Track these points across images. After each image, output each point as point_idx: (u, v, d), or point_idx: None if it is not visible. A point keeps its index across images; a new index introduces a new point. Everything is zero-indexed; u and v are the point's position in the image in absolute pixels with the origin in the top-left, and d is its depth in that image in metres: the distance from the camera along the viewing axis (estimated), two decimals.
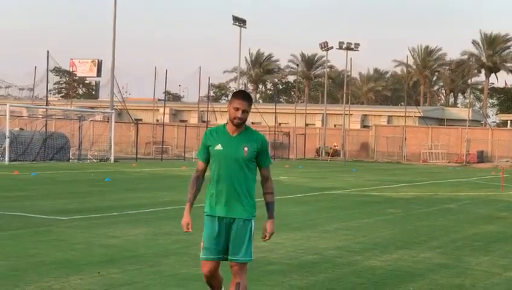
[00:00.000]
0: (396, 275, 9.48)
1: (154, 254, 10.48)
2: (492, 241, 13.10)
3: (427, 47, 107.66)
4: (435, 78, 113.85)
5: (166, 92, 76.95)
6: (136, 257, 10.17)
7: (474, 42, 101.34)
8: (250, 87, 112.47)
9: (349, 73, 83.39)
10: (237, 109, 6.19)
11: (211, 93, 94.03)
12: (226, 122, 6.35)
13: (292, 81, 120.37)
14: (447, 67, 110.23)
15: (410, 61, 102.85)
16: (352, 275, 9.42)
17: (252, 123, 67.48)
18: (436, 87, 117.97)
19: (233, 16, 68.44)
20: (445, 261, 10.75)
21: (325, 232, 13.66)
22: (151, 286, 8.36)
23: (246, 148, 6.22)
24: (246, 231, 6.31)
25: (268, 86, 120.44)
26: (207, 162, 6.35)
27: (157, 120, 76.15)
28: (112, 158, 47.24)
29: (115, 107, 57.93)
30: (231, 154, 6.21)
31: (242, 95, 6.30)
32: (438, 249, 11.90)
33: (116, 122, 52.50)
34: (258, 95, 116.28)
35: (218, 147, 6.22)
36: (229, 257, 6.27)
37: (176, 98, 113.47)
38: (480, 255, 11.40)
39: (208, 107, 72.07)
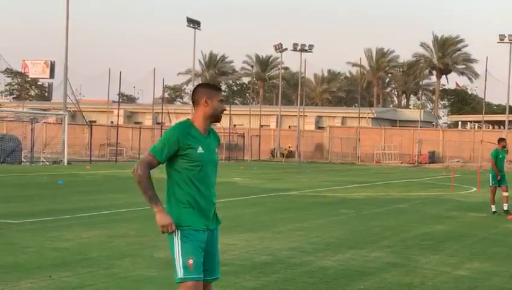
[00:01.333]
0: (347, 275, 9.64)
1: (108, 257, 10.45)
2: (442, 241, 13.37)
3: (380, 49, 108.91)
4: (387, 79, 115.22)
5: (121, 94, 76.43)
6: (88, 260, 10.13)
7: (423, 44, 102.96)
8: None
9: (304, 74, 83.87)
10: (222, 101, 5.69)
11: (166, 95, 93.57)
12: (188, 119, 5.63)
13: (247, 83, 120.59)
14: (400, 69, 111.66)
15: (364, 63, 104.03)
16: (305, 275, 9.54)
17: None
18: (389, 89, 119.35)
19: (187, 17, 68.31)
20: (396, 260, 10.95)
21: (278, 233, 13.78)
22: (103, 289, 8.35)
23: (216, 150, 5.74)
24: (217, 243, 5.89)
25: (223, 87, 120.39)
26: (164, 162, 5.51)
27: (112, 122, 75.61)
28: (65, 161, 46.74)
29: (68, 109, 57.35)
30: (211, 158, 5.63)
31: (219, 87, 5.87)
32: (389, 249, 12.11)
33: (69, 124, 52.02)
34: None
35: (200, 150, 5.50)
36: (207, 276, 5.66)
37: (131, 99, 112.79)
38: (429, 254, 11.63)
39: (162, 109, 71.79)
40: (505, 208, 19.01)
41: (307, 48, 77.12)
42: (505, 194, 19.20)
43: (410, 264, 10.59)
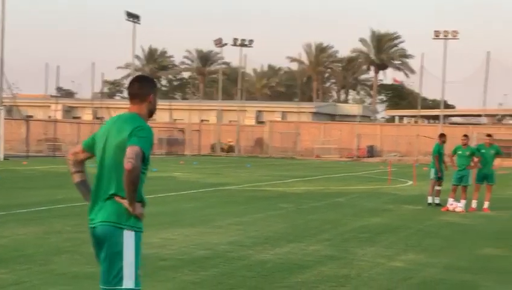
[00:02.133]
0: (285, 268, 9.75)
1: (45, 253, 10.34)
2: (378, 233, 13.63)
3: (319, 44, 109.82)
4: (327, 74, 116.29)
5: (59, 88, 75.27)
6: (25, 257, 10.00)
7: (362, 40, 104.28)
8: None
9: (244, 69, 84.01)
10: None
11: (105, 90, 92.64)
12: (137, 115, 5.38)
13: (187, 78, 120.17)
14: (339, 64, 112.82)
15: (304, 58, 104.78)
16: (243, 269, 9.61)
17: None
18: (328, 84, 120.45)
19: (126, 11, 67.65)
20: (333, 253, 11.13)
21: (218, 227, 13.82)
22: (39, 285, 8.27)
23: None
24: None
25: (163, 82, 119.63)
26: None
27: (50, 117, 74.41)
28: (2, 156, 45.81)
29: (4, 104, 56.18)
30: None
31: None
32: (327, 242, 12.29)
33: (5, 119, 50.93)
34: None
35: None
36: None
37: (69, 94, 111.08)
38: (366, 247, 11.85)
39: (101, 104, 71.00)
40: (437, 201, 19.47)
41: (247, 42, 77.26)
42: (438, 188, 19.66)
43: (348, 257, 10.78)
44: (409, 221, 15.94)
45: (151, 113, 5.47)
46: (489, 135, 19.46)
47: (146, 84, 5.48)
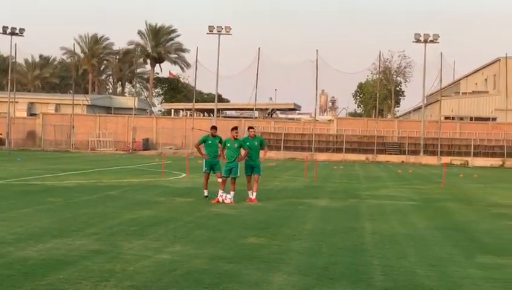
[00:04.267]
0: (48, 264, 9.40)
1: None
2: (147, 226, 13.61)
3: (94, 35, 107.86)
4: (103, 67, 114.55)
5: None
6: None
7: (140, 32, 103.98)
8: None
9: (14, 59, 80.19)
10: None
11: None
12: None
13: None
14: (115, 57, 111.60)
15: (78, 50, 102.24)
16: (2, 267, 9.14)
17: None
18: (104, 76, 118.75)
19: None
20: (100, 247, 10.93)
21: None
22: None
23: None
24: None
25: None
26: None
27: None
28: None
29: None
30: None
31: None
32: (94, 236, 12.05)
33: None
34: None
35: None
36: None
37: None
38: (134, 240, 11.77)
39: None
40: (206, 193, 19.89)
41: (17, 31, 73.78)
42: (203, 180, 20.08)
43: (114, 251, 10.64)
44: (179, 213, 16.09)
45: None
46: (251, 127, 20.24)
47: None
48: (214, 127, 20.36)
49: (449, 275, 9.63)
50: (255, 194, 19.46)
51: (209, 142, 19.74)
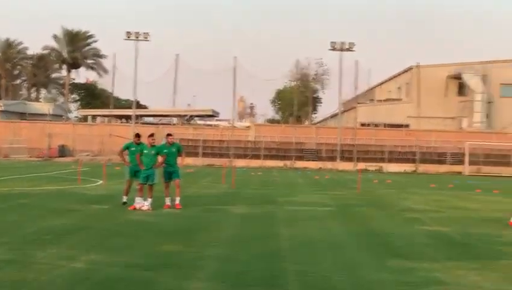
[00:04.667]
0: None
1: None
2: (62, 234, 13.36)
3: (7, 39, 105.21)
4: (17, 71, 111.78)
5: None
6: None
7: (55, 37, 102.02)
8: None
9: None
10: None
11: None
12: None
13: None
14: (30, 62, 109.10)
15: None
16: None
17: None
18: (18, 81, 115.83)
19: None
20: (12, 257, 10.68)
21: None
22: None
23: None
24: None
25: None
26: None
27: None
28: None
29: None
30: None
31: None
32: (6, 246, 11.76)
33: None
34: None
35: None
36: None
37: None
38: (48, 249, 11.54)
39: None
40: (124, 199, 19.73)
41: None
42: (125, 186, 19.96)
43: (27, 260, 10.41)
44: (95, 221, 15.87)
45: None
46: (169, 134, 20.22)
47: None
48: (137, 135, 20.21)
49: (361, 279, 9.84)
50: (178, 199, 19.45)
51: (132, 149, 19.61)
